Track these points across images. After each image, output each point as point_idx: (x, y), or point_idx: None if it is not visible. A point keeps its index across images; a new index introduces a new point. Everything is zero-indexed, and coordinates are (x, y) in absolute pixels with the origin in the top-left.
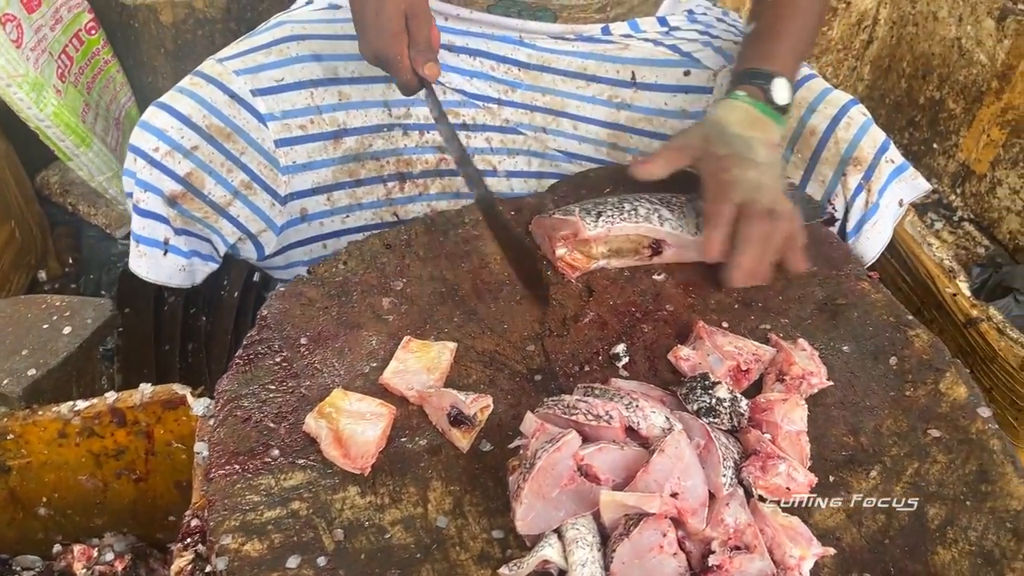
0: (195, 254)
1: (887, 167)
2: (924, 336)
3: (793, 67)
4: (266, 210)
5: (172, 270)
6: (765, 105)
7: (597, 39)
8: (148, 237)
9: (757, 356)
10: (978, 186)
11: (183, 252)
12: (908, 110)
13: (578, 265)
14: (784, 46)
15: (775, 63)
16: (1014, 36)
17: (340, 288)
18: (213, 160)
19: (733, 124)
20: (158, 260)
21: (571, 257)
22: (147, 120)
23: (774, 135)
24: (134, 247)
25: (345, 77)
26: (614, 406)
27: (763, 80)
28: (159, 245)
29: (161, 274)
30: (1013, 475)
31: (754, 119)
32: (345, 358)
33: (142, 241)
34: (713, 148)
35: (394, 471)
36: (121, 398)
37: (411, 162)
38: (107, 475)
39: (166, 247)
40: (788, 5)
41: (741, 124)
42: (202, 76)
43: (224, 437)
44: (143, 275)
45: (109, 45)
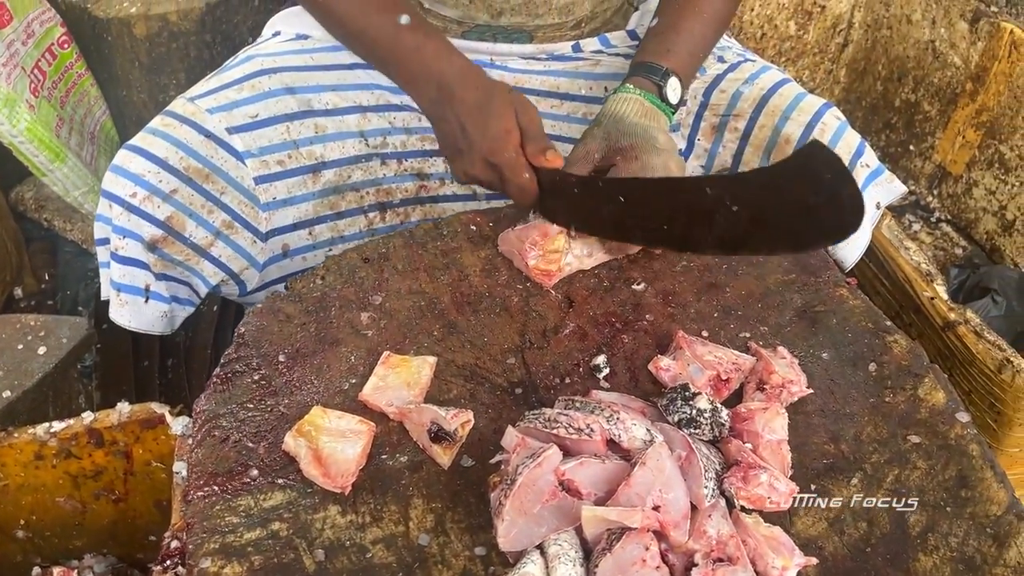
0: (175, 299)
1: (863, 172)
2: (902, 342)
3: (689, 65)
4: (248, 248)
5: (154, 317)
6: (656, 98)
7: (568, 57)
8: (128, 284)
9: (737, 365)
10: (954, 187)
11: (164, 298)
12: (884, 112)
13: (552, 271)
14: (682, 44)
15: (671, 60)
16: (987, 39)
17: (318, 303)
18: (193, 202)
19: (629, 114)
20: (140, 308)
21: (544, 263)
22: (121, 164)
23: (666, 125)
24: (114, 296)
25: (319, 109)
26: (595, 419)
27: (657, 76)
28: (140, 292)
29: (143, 322)
30: (992, 480)
31: (647, 110)
32: (324, 375)
33: (123, 289)
34: (615, 141)
35: (375, 489)
36: (98, 418)
37: (391, 191)
38: (85, 496)
39: (147, 294)
40: (691, 7)
41: (637, 114)
42: (174, 116)
43: (202, 458)
44: (124, 324)
45: (82, 59)
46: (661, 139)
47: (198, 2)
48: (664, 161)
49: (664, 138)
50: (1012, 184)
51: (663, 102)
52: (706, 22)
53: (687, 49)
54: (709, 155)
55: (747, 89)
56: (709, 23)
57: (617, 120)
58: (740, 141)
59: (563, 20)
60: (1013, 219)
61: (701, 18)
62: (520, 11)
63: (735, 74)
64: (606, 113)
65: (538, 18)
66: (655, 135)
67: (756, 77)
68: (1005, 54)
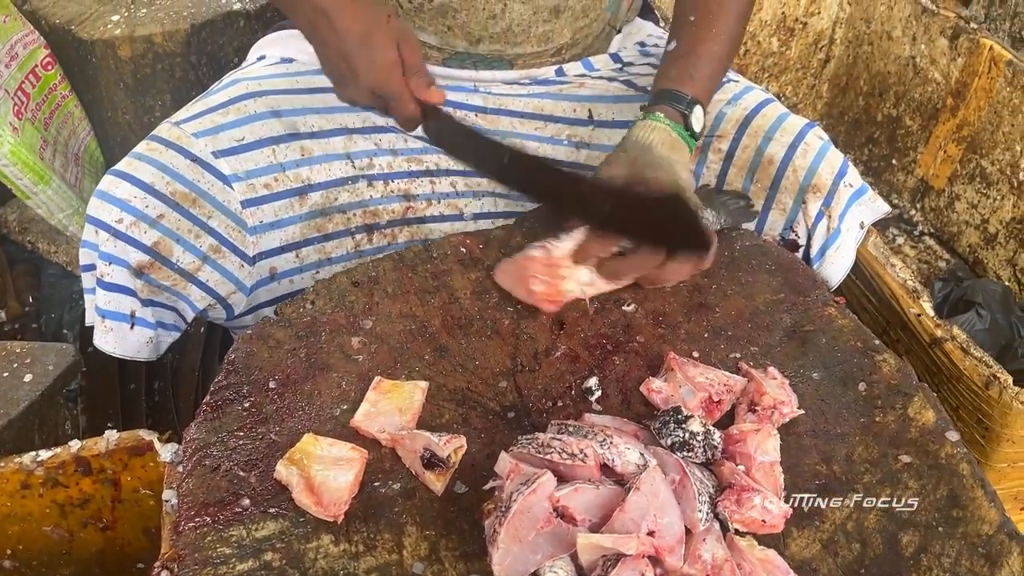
0: (161, 325)
1: (846, 191)
2: (891, 361)
3: (710, 90)
4: (235, 272)
5: (140, 344)
6: (683, 129)
7: (552, 80)
8: (114, 311)
9: (728, 387)
10: (937, 201)
11: (150, 324)
12: (867, 127)
13: (554, 296)
14: (703, 69)
15: (694, 87)
16: (967, 55)
17: (308, 329)
18: (180, 227)
19: (657, 145)
20: (125, 334)
21: (549, 288)
22: (106, 190)
23: (687, 158)
24: (99, 323)
25: (305, 132)
26: (588, 444)
27: (683, 105)
28: (125, 319)
29: (128, 348)
30: (983, 499)
31: (674, 141)
32: (315, 401)
33: (108, 316)
34: (640, 171)
35: (368, 517)
36: (86, 446)
37: (377, 213)
38: (73, 525)
39: (133, 320)
40: (707, 28)
41: (664, 145)
42: (160, 141)
43: (193, 488)
44: (109, 351)
45: (67, 80)
46: (684, 176)
47: (183, 24)
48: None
49: (686, 175)
50: (993, 198)
51: (687, 132)
52: (722, 43)
53: (707, 73)
54: (693, 176)
55: (730, 110)
56: (725, 44)
57: (644, 149)
58: (724, 162)
59: (543, 48)
60: (995, 232)
61: (718, 40)
62: (498, 39)
63: (718, 95)
64: (633, 140)
65: (517, 46)
66: (679, 171)
67: (739, 97)
68: (985, 70)
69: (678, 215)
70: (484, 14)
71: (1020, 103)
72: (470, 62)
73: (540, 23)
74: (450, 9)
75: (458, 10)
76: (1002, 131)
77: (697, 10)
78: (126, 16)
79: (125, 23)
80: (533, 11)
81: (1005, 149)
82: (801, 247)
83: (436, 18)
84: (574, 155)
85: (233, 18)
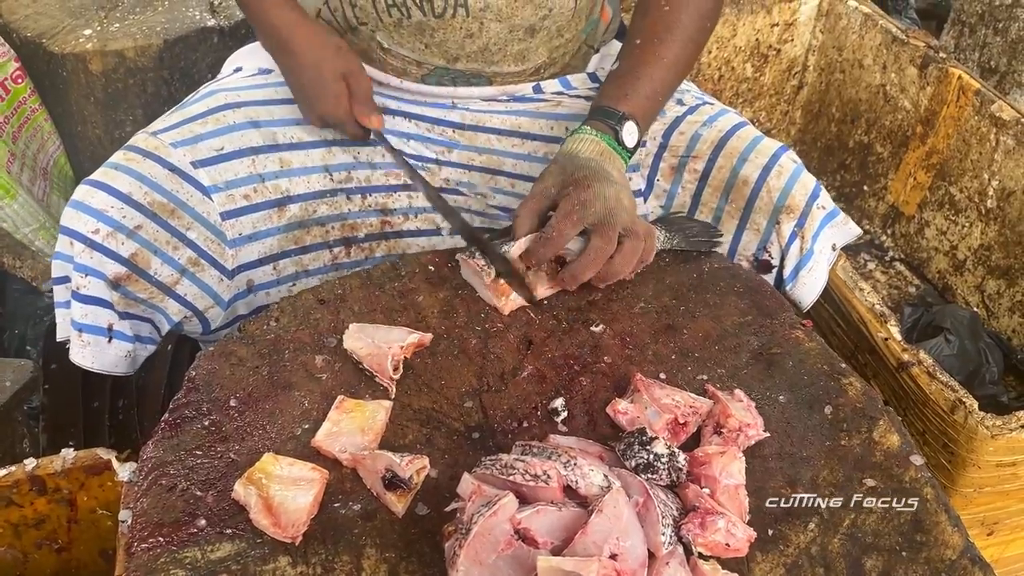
0: (138, 338)
1: (819, 213)
2: (857, 384)
3: (647, 109)
4: (214, 286)
5: (117, 357)
6: (612, 141)
7: (529, 98)
8: (91, 324)
9: (694, 408)
10: (907, 227)
11: (128, 337)
12: (839, 153)
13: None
14: (641, 89)
15: (628, 104)
16: (936, 83)
17: (272, 346)
18: (158, 238)
19: (584, 152)
20: (103, 348)
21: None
22: (81, 200)
23: (621, 166)
24: (76, 337)
25: (285, 143)
26: (552, 465)
27: (614, 120)
28: (103, 332)
29: (106, 363)
30: (947, 524)
31: (603, 150)
32: (276, 420)
33: (85, 329)
34: (570, 174)
35: (327, 539)
36: (41, 465)
37: (355, 226)
38: (27, 545)
39: (110, 333)
40: (651, 52)
41: (592, 152)
42: (137, 151)
43: (148, 507)
44: (87, 366)
45: (36, 94)
46: (615, 174)
47: (156, 39)
48: (616, 192)
49: (618, 174)
50: (962, 225)
51: (620, 146)
52: (666, 67)
53: (645, 93)
54: (668, 195)
55: (706, 131)
56: (669, 68)
57: (572, 157)
58: (699, 182)
59: (520, 68)
60: (964, 259)
61: (661, 63)
62: (476, 58)
63: (694, 116)
64: (563, 152)
65: (494, 64)
66: (609, 170)
67: (714, 120)
68: (953, 98)
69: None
70: (461, 33)
71: (988, 132)
72: (448, 78)
73: (516, 42)
74: (427, 27)
75: (435, 28)
76: (970, 159)
77: (644, 34)
78: (98, 30)
79: (97, 37)
80: (509, 30)
81: (973, 177)
82: (774, 267)
83: (415, 35)
84: None
85: (207, 34)
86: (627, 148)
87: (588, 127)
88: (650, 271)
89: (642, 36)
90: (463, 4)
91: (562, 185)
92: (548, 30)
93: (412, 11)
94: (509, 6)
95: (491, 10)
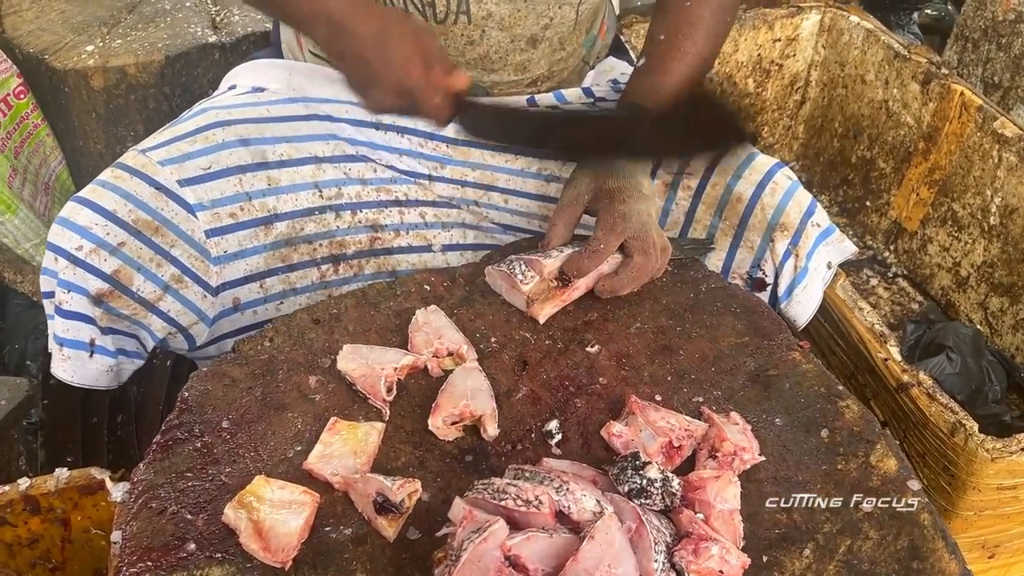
0: (122, 352)
1: (813, 231)
2: (854, 407)
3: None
4: (198, 303)
5: (99, 372)
6: None
7: None
8: (72, 339)
9: (689, 432)
10: (910, 243)
11: (110, 352)
12: (841, 168)
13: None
14: (667, 86)
15: (657, 101)
16: (938, 99)
17: (265, 367)
18: (141, 255)
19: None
20: (84, 362)
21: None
22: (67, 217)
23: (648, 168)
24: (57, 351)
25: (274, 161)
26: (544, 490)
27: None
28: (84, 347)
29: (87, 377)
30: (944, 551)
31: None
32: (268, 442)
33: (66, 344)
34: (603, 183)
35: (317, 563)
36: (35, 484)
37: (344, 243)
38: (20, 565)
39: (92, 348)
40: (676, 47)
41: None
42: (124, 168)
43: (137, 531)
44: (67, 379)
45: (39, 109)
46: (645, 184)
47: (158, 55)
48: (647, 207)
49: (647, 184)
50: (965, 241)
51: None
52: (690, 63)
53: (672, 90)
54: (663, 212)
55: None
56: (693, 63)
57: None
58: (692, 199)
59: (519, 78)
60: (967, 276)
61: (685, 59)
62: (475, 66)
63: None
64: None
65: (494, 73)
66: (640, 180)
67: None
68: (956, 115)
69: (716, 113)
70: (462, 40)
71: (990, 148)
72: None
73: (517, 52)
74: None
75: (437, 35)
76: (973, 175)
77: (667, 30)
78: (100, 47)
79: (99, 53)
80: (511, 39)
81: (976, 193)
82: (769, 286)
83: None
84: (544, 188)
85: (208, 50)
86: None
87: None
88: (647, 291)
89: (665, 32)
90: (465, 11)
91: (594, 192)
92: (550, 41)
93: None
94: (512, 15)
95: (493, 18)
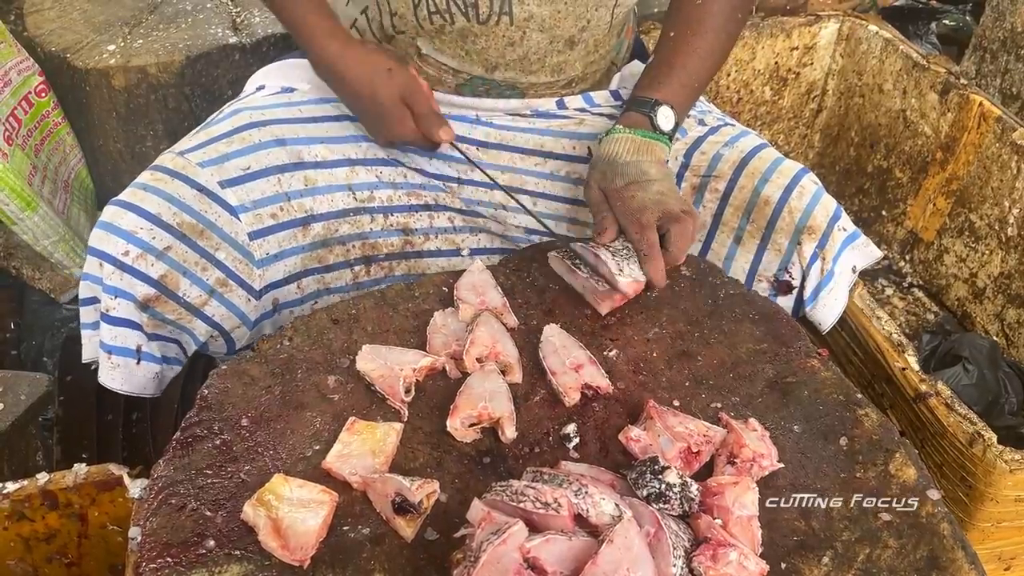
0: (165, 359)
1: (840, 235)
2: (873, 415)
3: (683, 98)
4: (242, 307)
5: (146, 379)
6: (647, 132)
7: (552, 114)
8: (120, 346)
9: (708, 438)
10: (926, 253)
11: (156, 358)
12: (857, 178)
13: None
14: (675, 79)
15: (662, 92)
16: (956, 109)
17: (284, 366)
18: (187, 259)
19: (621, 154)
20: (132, 370)
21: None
22: (111, 221)
23: (661, 155)
24: (105, 358)
25: (310, 161)
26: (563, 493)
27: (647, 108)
28: (132, 354)
29: (136, 384)
30: (963, 561)
31: (639, 145)
32: (287, 440)
33: (115, 351)
34: (610, 183)
35: (335, 562)
36: (53, 479)
37: (376, 245)
38: (37, 560)
39: (139, 355)
40: (685, 43)
41: (628, 152)
42: (164, 171)
43: (157, 527)
44: (117, 388)
45: (59, 107)
46: (653, 171)
47: (179, 55)
48: (657, 190)
49: (656, 169)
50: (982, 252)
51: (656, 131)
52: (700, 58)
53: (680, 82)
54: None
55: (727, 151)
56: (703, 58)
57: (609, 162)
58: (720, 201)
59: (555, 79)
60: (983, 287)
61: (695, 54)
62: (514, 67)
63: (715, 137)
64: (599, 157)
65: (531, 75)
66: (646, 169)
67: (736, 140)
68: (974, 125)
69: None
70: (503, 41)
71: (1009, 159)
72: (483, 89)
73: (555, 53)
74: (471, 34)
75: (478, 35)
76: (991, 186)
77: (678, 26)
78: (122, 46)
79: (120, 53)
80: (550, 40)
81: (994, 204)
82: (795, 288)
83: (456, 41)
84: (573, 191)
85: (229, 51)
86: (664, 132)
87: (620, 126)
88: (664, 296)
89: (676, 28)
90: (507, 12)
91: (606, 191)
92: (586, 43)
93: (456, 17)
94: (552, 17)
95: (535, 20)
